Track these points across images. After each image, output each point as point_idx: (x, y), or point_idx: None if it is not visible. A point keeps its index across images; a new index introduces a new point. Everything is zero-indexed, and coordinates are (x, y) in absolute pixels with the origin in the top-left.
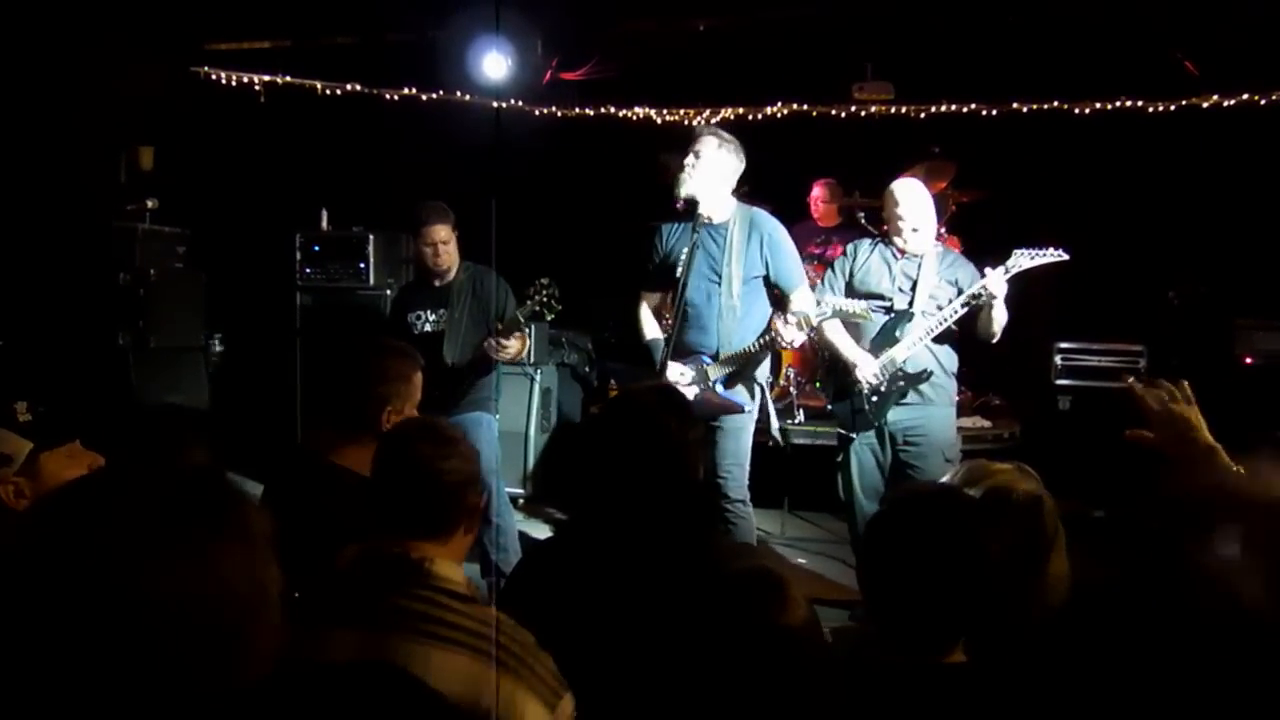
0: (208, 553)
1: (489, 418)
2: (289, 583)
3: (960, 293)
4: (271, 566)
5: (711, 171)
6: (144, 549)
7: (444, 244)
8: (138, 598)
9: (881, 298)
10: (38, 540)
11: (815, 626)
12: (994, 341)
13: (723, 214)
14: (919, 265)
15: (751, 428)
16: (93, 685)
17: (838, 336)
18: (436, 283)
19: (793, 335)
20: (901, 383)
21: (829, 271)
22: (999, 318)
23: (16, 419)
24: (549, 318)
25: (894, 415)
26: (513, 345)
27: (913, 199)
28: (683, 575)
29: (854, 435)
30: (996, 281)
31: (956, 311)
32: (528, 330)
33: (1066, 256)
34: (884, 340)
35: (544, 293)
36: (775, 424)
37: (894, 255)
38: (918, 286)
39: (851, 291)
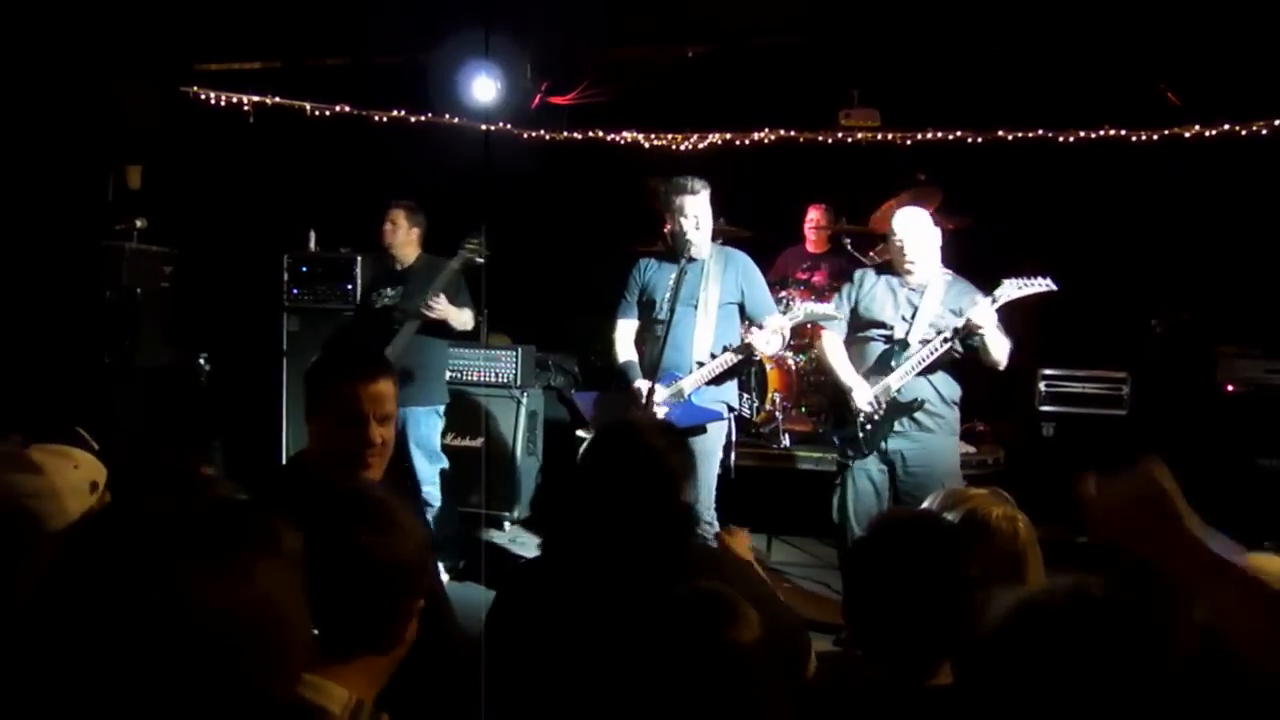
0: (254, 570)
1: (432, 412)
2: None
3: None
4: (301, 586)
5: (710, 220)
6: (194, 567)
7: (392, 224)
8: (190, 614)
9: (884, 325)
10: (87, 563)
11: (767, 645)
12: (1000, 369)
13: (707, 250)
14: (923, 294)
15: (719, 452)
16: (148, 701)
17: (837, 361)
18: (397, 266)
19: (765, 339)
20: (895, 411)
21: (836, 297)
22: (995, 345)
23: (91, 445)
24: (480, 261)
25: (895, 444)
26: (441, 304)
27: (910, 231)
28: (646, 596)
29: (850, 463)
30: (981, 314)
31: (946, 342)
32: (480, 314)
33: (1055, 287)
34: (879, 368)
35: (474, 242)
36: (732, 456)
37: (900, 283)
38: (918, 315)
39: (856, 318)
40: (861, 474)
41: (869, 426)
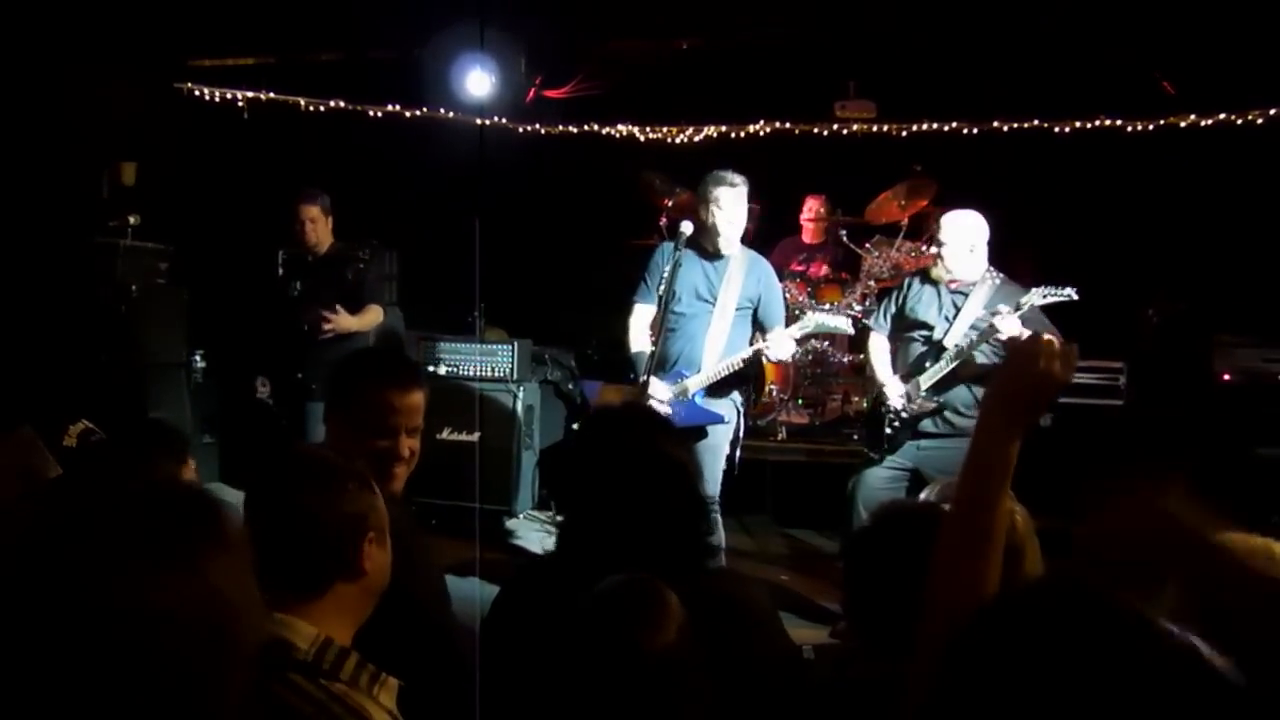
0: (197, 562)
1: None
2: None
3: None
4: (250, 572)
5: (743, 218)
6: (135, 562)
7: (311, 222)
8: (134, 611)
9: (926, 325)
10: (25, 560)
11: (680, 651)
12: None
13: (736, 247)
14: (969, 296)
15: (726, 449)
16: (93, 701)
17: (877, 360)
18: (310, 257)
19: (779, 342)
20: (923, 411)
21: (885, 300)
22: None
23: (61, 443)
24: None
25: (925, 445)
26: (340, 318)
27: (952, 232)
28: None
29: (875, 456)
30: (1005, 323)
31: (972, 344)
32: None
33: (1077, 296)
34: (914, 369)
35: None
36: (738, 453)
37: (946, 286)
38: (959, 317)
39: (902, 319)
40: (876, 472)
41: (896, 424)
